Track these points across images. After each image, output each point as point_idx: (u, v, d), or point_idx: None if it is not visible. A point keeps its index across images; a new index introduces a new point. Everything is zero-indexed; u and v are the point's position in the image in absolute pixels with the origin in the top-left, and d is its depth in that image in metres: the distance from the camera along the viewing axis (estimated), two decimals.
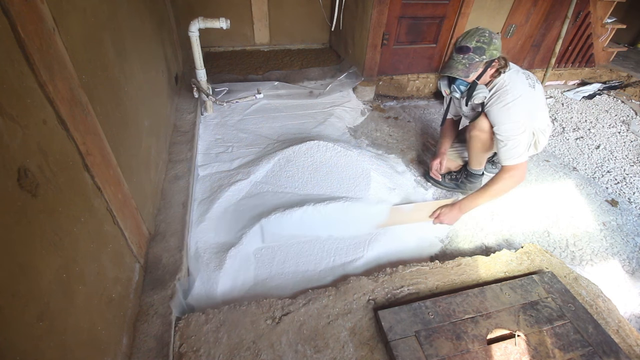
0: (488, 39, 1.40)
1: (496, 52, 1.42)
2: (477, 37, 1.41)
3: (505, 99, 1.45)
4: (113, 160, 0.99)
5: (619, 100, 3.20)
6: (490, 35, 1.41)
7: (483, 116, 1.56)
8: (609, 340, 1.09)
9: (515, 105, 1.44)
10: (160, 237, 1.31)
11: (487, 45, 1.40)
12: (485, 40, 1.40)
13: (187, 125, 2.02)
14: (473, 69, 1.44)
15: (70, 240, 0.73)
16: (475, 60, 1.42)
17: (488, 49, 1.41)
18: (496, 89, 1.49)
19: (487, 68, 1.45)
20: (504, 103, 1.45)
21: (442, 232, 1.66)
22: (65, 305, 0.68)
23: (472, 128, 1.63)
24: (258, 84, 2.60)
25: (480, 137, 1.62)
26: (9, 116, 0.59)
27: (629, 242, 1.71)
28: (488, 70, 1.46)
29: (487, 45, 1.40)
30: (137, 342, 0.99)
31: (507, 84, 1.47)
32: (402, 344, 1.03)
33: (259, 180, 1.79)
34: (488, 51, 1.41)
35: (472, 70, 1.44)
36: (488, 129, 1.56)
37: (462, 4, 2.61)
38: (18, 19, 0.63)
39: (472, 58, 1.42)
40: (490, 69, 1.46)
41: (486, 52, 1.41)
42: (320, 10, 3.15)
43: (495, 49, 1.42)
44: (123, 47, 1.24)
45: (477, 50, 1.41)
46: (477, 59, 1.42)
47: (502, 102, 1.46)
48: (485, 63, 1.44)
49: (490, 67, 1.46)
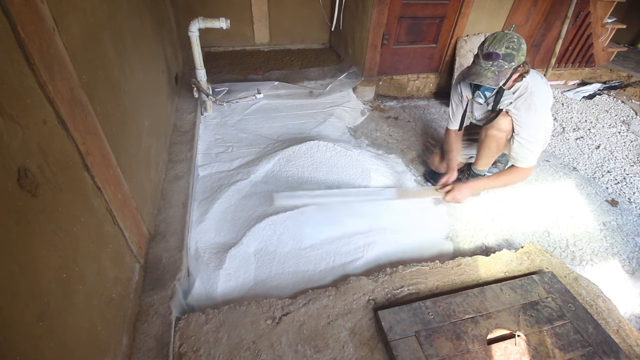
0: (517, 45, 1.36)
1: (523, 58, 1.39)
2: (506, 43, 1.36)
3: (533, 103, 1.44)
4: (113, 160, 0.99)
5: (619, 100, 3.20)
6: (519, 40, 1.37)
7: (503, 116, 1.54)
8: (609, 340, 1.09)
9: (543, 108, 1.46)
10: (160, 237, 1.31)
11: (517, 51, 1.36)
12: (514, 47, 1.36)
13: (187, 125, 2.02)
14: (503, 77, 1.39)
15: (70, 240, 0.73)
16: (505, 68, 1.37)
17: (517, 56, 1.36)
18: (520, 92, 1.47)
19: (513, 73, 1.42)
20: (533, 107, 1.44)
21: (442, 231, 1.66)
22: (65, 305, 0.68)
23: (490, 127, 1.60)
24: (258, 84, 2.60)
25: (498, 137, 1.59)
26: (9, 116, 0.59)
27: (629, 242, 1.71)
28: (513, 75, 1.42)
29: (517, 52, 1.36)
30: (137, 342, 0.99)
31: (531, 87, 1.45)
32: (402, 344, 1.03)
33: (259, 180, 1.79)
34: (517, 57, 1.37)
35: (501, 78, 1.39)
36: (508, 129, 1.54)
37: (462, 4, 2.61)
38: (18, 19, 0.63)
39: (501, 65, 1.37)
40: (515, 73, 1.42)
41: (515, 58, 1.37)
42: (320, 10, 3.15)
43: (523, 54, 1.38)
44: (123, 47, 1.24)
45: (507, 57, 1.36)
46: (506, 66, 1.37)
47: (530, 105, 1.44)
48: (513, 69, 1.40)
49: (515, 72, 1.42)
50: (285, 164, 1.84)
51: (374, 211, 1.67)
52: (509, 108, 1.51)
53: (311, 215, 1.59)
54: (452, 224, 1.71)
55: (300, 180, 1.79)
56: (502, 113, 1.55)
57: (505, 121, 1.54)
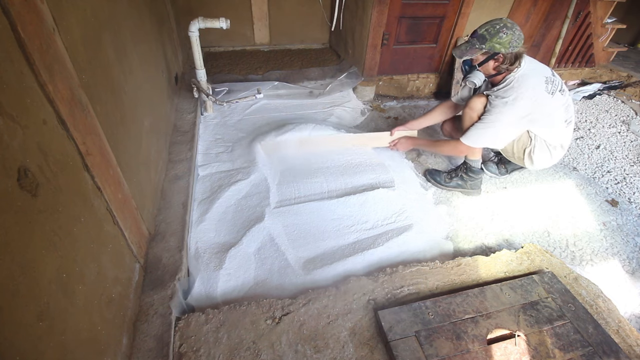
0: (494, 31, 1.46)
1: (499, 47, 1.47)
2: (487, 27, 1.48)
3: (506, 96, 1.53)
4: (113, 160, 0.99)
5: (619, 100, 3.20)
6: (501, 29, 1.45)
7: (477, 97, 1.66)
8: (609, 340, 1.09)
9: (513, 104, 1.52)
10: (160, 237, 1.31)
11: (491, 36, 1.46)
12: (491, 32, 1.46)
13: (187, 125, 2.02)
14: (469, 53, 1.53)
15: (70, 240, 0.73)
16: (475, 47, 1.51)
17: (490, 41, 1.47)
18: (504, 84, 1.56)
19: (490, 59, 1.52)
20: (504, 99, 1.54)
21: (442, 231, 1.66)
22: (65, 305, 0.68)
23: (465, 106, 1.72)
24: (258, 83, 2.60)
25: (470, 115, 1.68)
26: (9, 116, 0.59)
27: (629, 242, 1.71)
28: (491, 62, 1.52)
29: (490, 37, 1.46)
30: (137, 342, 0.99)
31: (514, 83, 1.53)
32: (402, 344, 1.03)
33: (258, 181, 1.79)
34: (489, 42, 1.47)
35: (468, 53, 1.53)
36: (479, 109, 1.65)
37: (462, 4, 2.61)
38: (18, 19, 0.63)
39: (473, 43, 1.52)
40: (494, 61, 1.52)
41: (487, 42, 1.47)
42: (320, 10, 3.15)
43: (500, 43, 1.46)
44: (123, 47, 1.24)
45: (480, 38, 1.49)
46: (477, 45, 1.50)
47: (503, 97, 1.54)
48: (484, 53, 1.51)
49: (493, 60, 1.51)
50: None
51: (375, 217, 1.67)
52: (489, 93, 1.62)
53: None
54: (452, 224, 1.71)
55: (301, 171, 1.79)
56: (478, 94, 1.67)
57: (477, 101, 1.65)
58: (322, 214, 1.64)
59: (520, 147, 1.73)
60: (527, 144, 1.71)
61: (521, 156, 1.76)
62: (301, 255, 1.47)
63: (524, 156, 1.75)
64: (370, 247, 1.50)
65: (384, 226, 1.62)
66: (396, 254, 1.50)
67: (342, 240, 1.54)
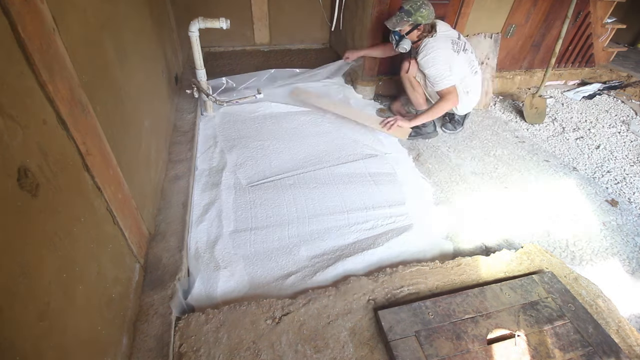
0: (416, 6, 1.91)
1: (421, 19, 1.94)
2: (410, 3, 1.93)
3: (424, 53, 2.01)
4: (113, 160, 0.99)
5: (619, 100, 3.20)
6: (422, 5, 1.91)
7: (405, 60, 2.20)
8: (609, 340, 1.09)
9: (431, 56, 2.00)
10: (160, 237, 1.31)
11: (415, 11, 1.92)
12: (414, 7, 1.92)
13: (187, 125, 2.02)
14: (400, 25, 1.98)
15: (70, 240, 0.73)
16: (404, 19, 1.95)
17: (414, 14, 1.92)
18: (422, 45, 2.02)
19: (414, 29, 2.00)
20: (424, 55, 2.01)
21: (442, 231, 1.66)
22: (65, 305, 0.68)
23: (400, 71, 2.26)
24: (254, 74, 2.59)
25: (405, 77, 2.23)
26: (9, 116, 0.59)
27: (629, 242, 1.71)
28: (415, 31, 2.01)
29: (414, 11, 1.92)
30: (137, 342, 0.99)
31: (428, 44, 2.00)
32: (402, 344, 1.03)
33: (258, 180, 1.79)
34: (414, 16, 1.92)
35: (398, 25, 1.98)
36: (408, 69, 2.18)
37: (462, 4, 2.61)
38: (18, 19, 0.63)
39: (402, 16, 1.95)
40: (417, 30, 2.01)
41: (412, 15, 1.93)
42: (320, 10, 3.15)
43: (421, 16, 1.93)
44: (123, 47, 1.24)
45: (407, 13, 1.93)
46: (405, 18, 1.94)
47: (423, 55, 2.01)
48: (410, 24, 1.97)
49: (416, 29, 2.00)
50: None
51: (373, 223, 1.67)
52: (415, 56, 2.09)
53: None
54: (452, 224, 1.71)
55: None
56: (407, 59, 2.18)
57: (407, 63, 2.18)
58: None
59: None
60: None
61: None
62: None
63: None
64: (370, 247, 1.50)
65: (384, 226, 1.62)
66: (396, 254, 1.50)
67: (342, 240, 1.54)
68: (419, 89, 2.24)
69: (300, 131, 2.24)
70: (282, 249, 1.48)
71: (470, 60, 2.16)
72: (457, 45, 2.06)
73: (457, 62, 2.06)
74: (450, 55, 2.03)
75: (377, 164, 2.01)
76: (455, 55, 2.04)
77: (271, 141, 2.12)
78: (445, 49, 2.01)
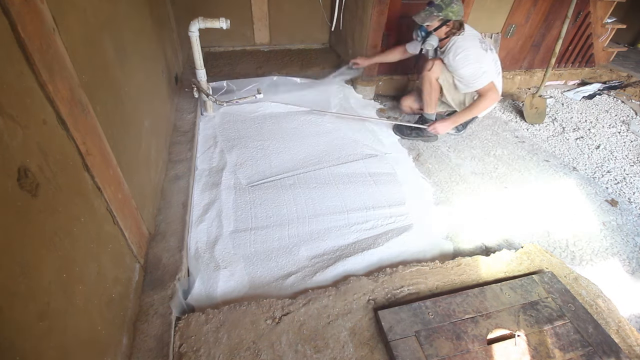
0: (449, 2, 1.83)
1: (452, 15, 1.85)
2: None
3: (455, 52, 1.92)
4: (113, 160, 0.99)
5: (619, 100, 3.20)
6: (453, 0, 1.83)
7: (431, 60, 2.09)
8: (609, 340, 1.09)
9: (463, 55, 1.91)
10: (160, 237, 1.31)
11: (446, 6, 1.84)
12: (445, 2, 1.84)
13: (187, 125, 2.02)
14: (429, 20, 1.89)
15: (70, 240, 0.73)
16: (434, 14, 1.86)
17: (445, 9, 1.84)
18: (450, 44, 1.95)
19: (443, 25, 1.90)
20: (455, 55, 1.92)
21: (442, 231, 1.66)
22: (65, 305, 0.68)
23: (422, 70, 2.13)
24: (256, 79, 2.60)
25: (428, 76, 2.09)
26: (9, 116, 0.59)
27: (629, 242, 1.71)
28: (443, 27, 1.91)
29: (445, 7, 1.84)
30: (137, 342, 0.99)
31: (459, 41, 1.92)
32: (402, 344, 1.03)
33: (258, 180, 1.79)
34: (444, 11, 1.84)
35: (428, 20, 1.90)
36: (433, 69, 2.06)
37: (462, 4, 2.60)
38: (18, 19, 0.63)
39: (431, 11, 1.87)
40: (446, 27, 1.91)
41: (443, 10, 1.84)
42: (320, 10, 3.15)
43: (452, 11, 1.84)
44: (123, 47, 1.24)
45: (437, 7, 1.86)
46: (435, 13, 1.86)
47: (454, 54, 1.92)
48: (440, 19, 1.88)
49: (445, 26, 1.90)
50: None
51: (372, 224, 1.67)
52: (442, 57, 2.02)
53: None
54: (452, 224, 1.71)
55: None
56: (432, 58, 2.09)
57: (431, 62, 2.07)
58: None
59: (470, 97, 2.11)
60: (475, 95, 2.07)
61: None
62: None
63: None
64: (370, 247, 1.50)
65: (384, 226, 1.62)
66: (396, 254, 1.50)
67: (342, 240, 1.54)
68: (436, 92, 2.14)
69: (300, 131, 2.24)
70: (282, 249, 1.48)
71: (495, 60, 2.07)
72: (484, 44, 1.98)
73: (486, 60, 1.98)
74: (480, 54, 1.95)
75: (377, 164, 2.02)
76: (484, 54, 1.96)
77: (271, 141, 2.12)
78: (475, 47, 1.93)
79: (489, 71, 1.97)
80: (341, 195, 1.76)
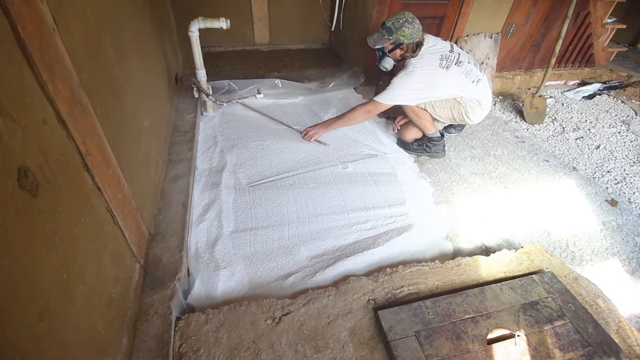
0: (399, 25, 1.77)
1: (403, 38, 1.79)
2: (393, 20, 1.79)
3: (402, 73, 1.88)
4: (113, 160, 0.99)
5: (619, 100, 3.20)
6: (404, 23, 1.77)
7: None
8: (609, 340, 1.09)
9: (407, 77, 1.87)
10: (160, 237, 1.31)
11: (396, 30, 1.78)
12: (396, 25, 1.78)
13: (187, 125, 2.02)
14: (380, 43, 1.87)
15: (70, 240, 0.73)
16: (385, 37, 1.83)
17: (395, 33, 1.79)
18: (404, 65, 1.90)
19: (397, 48, 1.86)
20: (401, 75, 1.89)
21: (442, 231, 1.66)
22: (65, 305, 0.68)
23: None
24: (258, 81, 2.60)
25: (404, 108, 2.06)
26: (9, 116, 0.59)
27: (629, 242, 1.71)
28: (397, 50, 1.87)
29: (396, 30, 1.78)
30: (137, 342, 0.99)
31: (411, 65, 1.86)
32: (402, 344, 1.03)
33: (258, 180, 1.79)
34: (395, 35, 1.79)
35: (379, 43, 1.87)
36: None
37: (462, 4, 2.61)
38: (18, 19, 0.63)
39: (383, 34, 1.83)
40: (399, 50, 1.87)
41: (394, 34, 1.79)
42: (320, 10, 3.15)
43: (403, 35, 1.78)
44: (123, 47, 1.24)
45: (388, 30, 1.81)
46: (386, 36, 1.82)
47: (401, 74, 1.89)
48: (392, 43, 1.85)
49: (399, 48, 1.86)
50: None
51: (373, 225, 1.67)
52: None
53: None
54: (452, 224, 1.71)
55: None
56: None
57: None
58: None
59: (457, 113, 2.05)
60: (460, 108, 2.02)
61: (462, 118, 2.07)
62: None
63: (464, 117, 2.06)
64: (370, 247, 1.50)
65: (384, 226, 1.62)
66: (396, 254, 1.50)
67: (342, 240, 1.54)
68: (424, 115, 2.05)
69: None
70: (282, 249, 1.48)
71: (468, 71, 1.93)
72: (447, 60, 1.86)
73: (446, 78, 1.87)
74: (432, 74, 1.85)
75: (377, 164, 2.02)
76: (443, 73, 1.85)
77: (271, 141, 2.12)
78: (425, 71, 1.84)
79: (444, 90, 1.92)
80: (341, 195, 1.76)
